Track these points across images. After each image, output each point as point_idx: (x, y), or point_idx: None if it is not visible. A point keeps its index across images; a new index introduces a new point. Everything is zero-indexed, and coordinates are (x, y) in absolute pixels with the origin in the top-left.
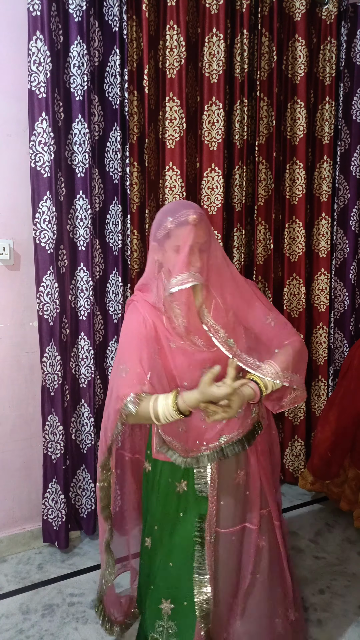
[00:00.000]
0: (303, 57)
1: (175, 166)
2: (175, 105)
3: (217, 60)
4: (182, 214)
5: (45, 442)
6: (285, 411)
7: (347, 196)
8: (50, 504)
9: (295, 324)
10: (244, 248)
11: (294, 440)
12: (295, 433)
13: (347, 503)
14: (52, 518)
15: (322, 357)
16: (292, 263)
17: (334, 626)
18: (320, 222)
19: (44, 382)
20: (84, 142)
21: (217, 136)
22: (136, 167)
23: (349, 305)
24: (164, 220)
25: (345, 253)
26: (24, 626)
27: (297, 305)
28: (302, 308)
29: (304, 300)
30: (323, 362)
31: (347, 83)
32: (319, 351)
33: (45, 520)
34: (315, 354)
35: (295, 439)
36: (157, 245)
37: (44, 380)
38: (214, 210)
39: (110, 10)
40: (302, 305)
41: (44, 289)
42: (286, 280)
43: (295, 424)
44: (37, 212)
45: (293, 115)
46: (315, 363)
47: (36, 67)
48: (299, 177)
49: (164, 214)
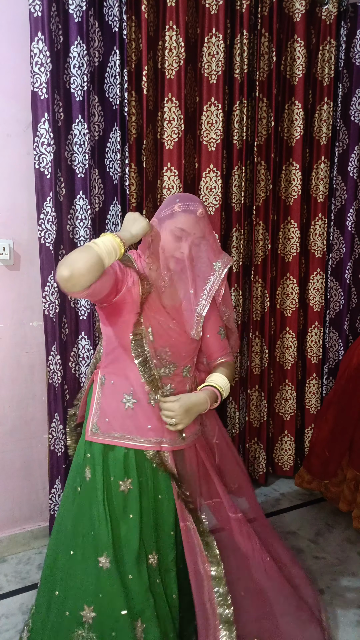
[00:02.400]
0: (302, 57)
1: (173, 167)
2: (174, 106)
3: (217, 60)
4: (191, 204)
5: (52, 439)
6: (275, 407)
7: (344, 197)
8: (57, 501)
9: (288, 323)
10: (242, 248)
11: (284, 435)
12: (285, 428)
13: (346, 504)
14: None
15: (317, 356)
16: (286, 263)
17: (334, 626)
18: (317, 222)
19: (50, 379)
20: (84, 143)
21: (215, 137)
22: (134, 168)
23: (344, 305)
24: (173, 203)
25: (341, 253)
26: None
27: (290, 305)
28: (295, 307)
29: (297, 300)
30: (317, 360)
31: (346, 84)
32: (314, 350)
33: (52, 516)
34: (309, 352)
35: (285, 434)
36: (157, 222)
37: (50, 378)
38: (212, 211)
39: (110, 11)
40: (295, 305)
41: (49, 288)
42: (280, 280)
43: (286, 420)
44: (42, 212)
45: (290, 116)
46: (309, 361)
47: (38, 68)
48: (295, 178)
49: (175, 197)
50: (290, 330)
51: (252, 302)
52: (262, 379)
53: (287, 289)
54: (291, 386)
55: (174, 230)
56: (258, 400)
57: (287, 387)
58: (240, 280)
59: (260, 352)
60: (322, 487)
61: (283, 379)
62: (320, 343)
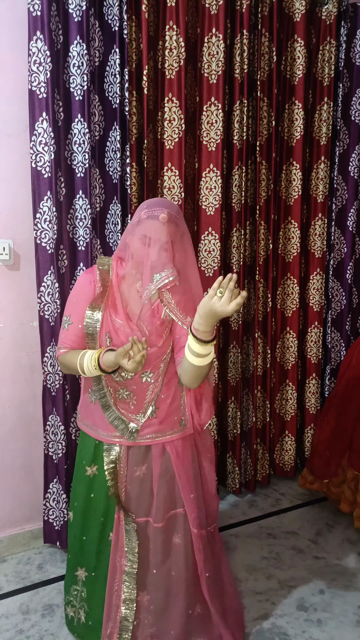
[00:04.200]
0: (302, 57)
1: (174, 167)
2: (174, 105)
3: (217, 60)
4: (156, 210)
5: (46, 442)
6: (276, 408)
7: (345, 197)
8: (52, 504)
9: (288, 323)
10: (242, 248)
11: (285, 436)
12: (285, 429)
13: (347, 504)
14: (54, 518)
15: (316, 356)
16: (287, 263)
17: (334, 626)
18: (317, 222)
19: (45, 382)
20: (84, 142)
21: (215, 137)
22: (135, 168)
23: (345, 305)
24: (141, 210)
25: (342, 253)
26: (24, 626)
27: (291, 305)
28: (295, 307)
29: (298, 299)
30: (317, 360)
31: (346, 83)
32: (314, 350)
33: (46, 522)
34: (309, 352)
35: (286, 434)
36: (130, 229)
37: (45, 380)
38: (211, 211)
39: (110, 10)
40: (295, 305)
41: (44, 289)
42: (280, 280)
43: (286, 420)
44: (38, 212)
45: (291, 116)
46: (309, 361)
47: (36, 67)
48: (295, 178)
49: (144, 203)
50: (290, 331)
51: (256, 302)
52: (264, 380)
53: (288, 289)
54: (292, 386)
55: (140, 237)
56: (261, 401)
57: (287, 387)
58: (242, 280)
59: (263, 353)
60: (324, 487)
61: (284, 379)
62: (320, 343)
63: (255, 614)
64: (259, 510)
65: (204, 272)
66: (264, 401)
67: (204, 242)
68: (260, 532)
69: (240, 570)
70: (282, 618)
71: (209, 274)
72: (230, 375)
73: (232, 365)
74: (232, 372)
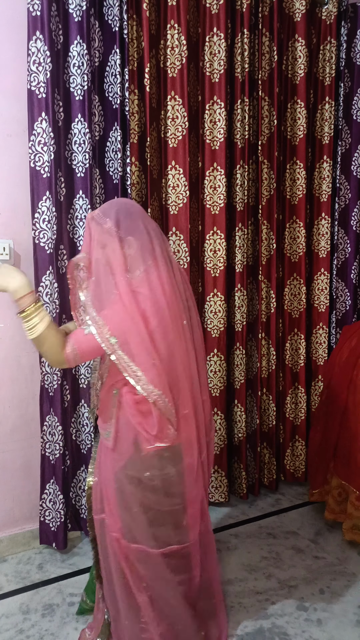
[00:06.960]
0: (303, 57)
1: (178, 165)
2: (177, 104)
3: (218, 59)
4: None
5: (43, 442)
6: (286, 411)
7: (348, 196)
8: (48, 505)
9: (295, 325)
10: (245, 248)
11: (295, 440)
12: (296, 433)
13: (330, 512)
14: (50, 519)
15: (322, 357)
16: (293, 263)
17: (334, 626)
18: (320, 222)
19: (42, 382)
20: (84, 142)
21: (219, 135)
22: (137, 167)
23: (350, 305)
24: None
25: (346, 253)
26: (24, 626)
27: (298, 306)
28: (302, 308)
29: (305, 300)
30: (323, 362)
31: (348, 83)
32: (319, 351)
33: (42, 522)
34: (315, 354)
35: (297, 439)
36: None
37: (42, 381)
38: (216, 210)
39: (111, 10)
40: (302, 306)
41: (43, 289)
42: (287, 280)
43: (296, 424)
44: (37, 212)
45: (293, 115)
46: (315, 363)
47: (36, 67)
48: (299, 177)
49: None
50: (298, 332)
51: (260, 303)
52: (269, 382)
53: (295, 289)
54: (302, 389)
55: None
56: (266, 404)
57: (297, 390)
58: (245, 280)
59: (267, 355)
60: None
61: (293, 382)
62: (325, 344)
63: (255, 613)
64: (258, 510)
65: (210, 272)
66: (269, 404)
67: (209, 241)
68: (260, 531)
69: (240, 570)
70: (282, 618)
71: (215, 274)
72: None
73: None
74: (235, 374)
